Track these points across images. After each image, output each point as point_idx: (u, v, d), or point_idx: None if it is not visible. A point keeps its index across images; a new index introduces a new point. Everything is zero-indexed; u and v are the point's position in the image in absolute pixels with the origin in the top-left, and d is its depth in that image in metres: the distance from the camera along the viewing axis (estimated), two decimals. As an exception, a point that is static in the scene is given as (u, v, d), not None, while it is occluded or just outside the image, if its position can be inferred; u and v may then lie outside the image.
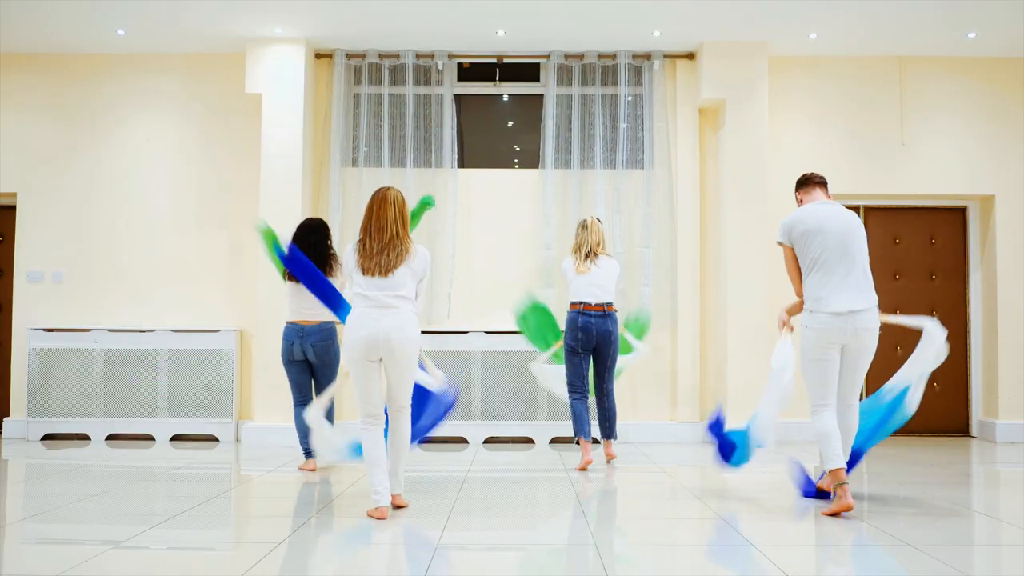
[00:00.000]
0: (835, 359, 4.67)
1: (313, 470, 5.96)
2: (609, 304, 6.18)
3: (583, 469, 6.00)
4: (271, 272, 7.37)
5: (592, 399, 6.42)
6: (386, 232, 4.38)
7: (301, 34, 7.53)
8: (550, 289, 7.72)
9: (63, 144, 7.93)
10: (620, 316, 6.49)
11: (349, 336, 4.36)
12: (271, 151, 7.49)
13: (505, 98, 8.27)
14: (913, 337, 5.00)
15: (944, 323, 8.14)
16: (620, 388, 7.69)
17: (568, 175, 7.84)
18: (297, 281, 5.88)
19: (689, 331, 7.78)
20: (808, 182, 5.04)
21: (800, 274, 4.81)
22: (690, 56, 7.89)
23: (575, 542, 3.98)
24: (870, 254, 8.52)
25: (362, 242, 4.41)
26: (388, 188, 4.49)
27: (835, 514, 4.42)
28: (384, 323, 4.32)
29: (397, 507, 4.57)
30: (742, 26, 7.32)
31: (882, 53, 7.95)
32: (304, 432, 6.03)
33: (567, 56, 7.88)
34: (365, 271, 4.35)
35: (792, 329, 4.95)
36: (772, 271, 7.66)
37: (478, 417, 7.51)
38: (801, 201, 5.03)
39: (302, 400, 6.03)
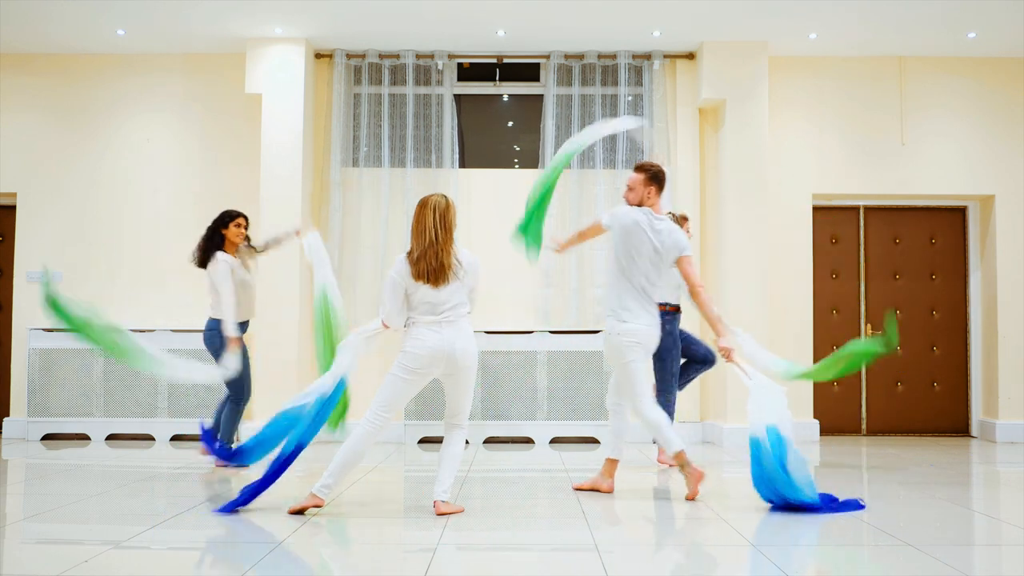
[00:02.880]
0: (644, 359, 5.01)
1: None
2: None
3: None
4: (271, 272, 7.38)
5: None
6: (424, 238, 4.37)
7: (301, 34, 7.53)
8: (549, 289, 7.72)
9: (63, 144, 7.94)
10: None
11: (411, 348, 4.37)
12: (271, 151, 7.49)
13: (505, 98, 8.28)
14: (910, 339, 4.95)
15: (944, 323, 8.22)
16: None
17: (568, 175, 7.83)
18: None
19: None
20: (663, 186, 5.08)
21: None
22: (690, 56, 7.89)
23: (575, 542, 3.98)
24: (871, 254, 8.57)
25: (410, 252, 4.43)
26: (431, 194, 4.49)
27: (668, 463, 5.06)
28: (446, 336, 4.35)
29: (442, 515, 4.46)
30: (742, 26, 7.32)
31: (882, 53, 7.95)
32: (230, 429, 6.04)
33: (567, 56, 7.89)
34: (416, 277, 4.37)
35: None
36: (772, 271, 7.67)
37: (478, 417, 7.51)
38: (647, 195, 5.00)
39: (243, 397, 6.05)
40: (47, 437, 7.56)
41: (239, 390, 6.06)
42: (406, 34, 7.57)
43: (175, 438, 7.52)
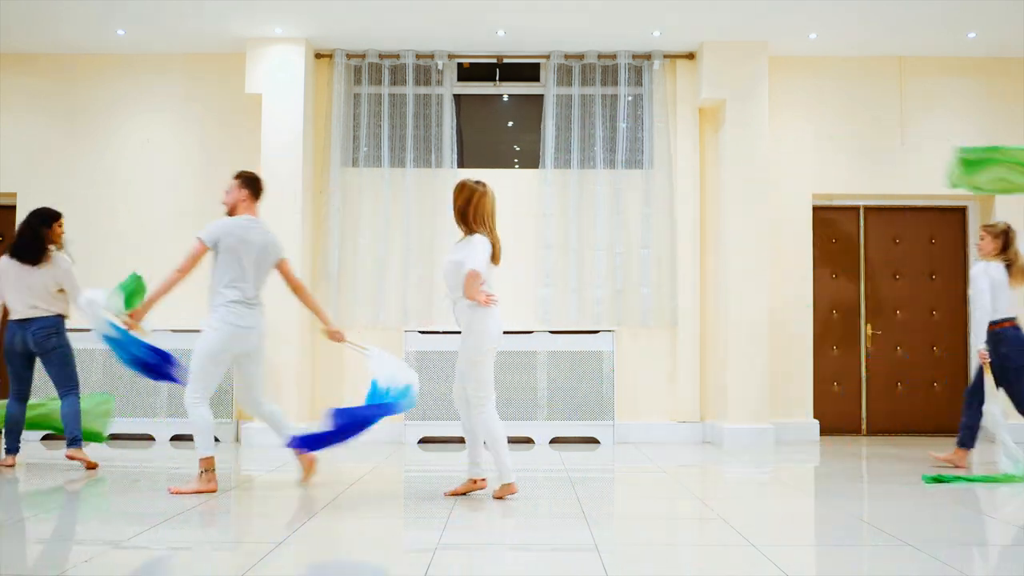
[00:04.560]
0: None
1: (11, 466, 5.90)
2: None
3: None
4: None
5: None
6: (493, 220, 4.87)
7: (301, 34, 7.53)
8: (547, 289, 7.72)
9: (63, 144, 7.94)
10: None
11: (492, 330, 4.78)
12: (271, 151, 7.49)
13: (505, 98, 8.27)
14: (910, 339, 4.95)
15: (944, 323, 8.20)
16: (621, 387, 7.69)
17: (568, 175, 7.84)
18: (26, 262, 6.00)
19: (689, 331, 7.78)
20: (261, 193, 5.43)
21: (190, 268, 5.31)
22: (690, 56, 7.89)
23: (575, 542, 3.98)
24: (871, 254, 8.55)
25: (492, 234, 4.83)
26: (476, 181, 4.89)
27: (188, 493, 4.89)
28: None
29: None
30: (742, 26, 7.32)
31: (882, 53, 7.96)
32: (17, 425, 5.99)
33: (567, 56, 7.89)
34: (494, 259, 4.81)
35: None
36: (772, 271, 7.67)
37: (478, 417, 7.49)
38: (240, 202, 5.33)
39: (22, 394, 6.00)
40: (47, 437, 7.55)
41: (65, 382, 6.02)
42: (406, 34, 7.57)
43: (175, 438, 7.51)
